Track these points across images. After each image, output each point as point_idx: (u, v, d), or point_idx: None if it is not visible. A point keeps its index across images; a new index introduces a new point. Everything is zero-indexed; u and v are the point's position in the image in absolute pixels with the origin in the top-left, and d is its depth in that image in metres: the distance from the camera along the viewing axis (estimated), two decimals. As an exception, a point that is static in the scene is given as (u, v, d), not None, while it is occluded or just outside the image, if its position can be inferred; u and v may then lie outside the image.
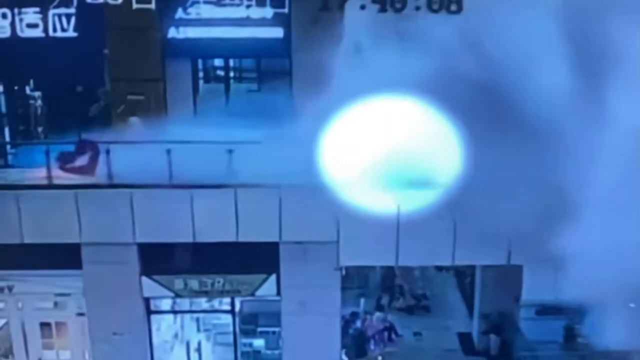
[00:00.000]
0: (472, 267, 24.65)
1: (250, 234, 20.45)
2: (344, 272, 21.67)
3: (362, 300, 25.14)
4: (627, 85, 18.01)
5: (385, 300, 26.03)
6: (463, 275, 26.83)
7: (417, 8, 21.38)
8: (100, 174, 20.58)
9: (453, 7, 21.26)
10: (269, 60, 23.34)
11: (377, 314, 24.85)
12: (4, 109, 23.48)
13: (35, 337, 22.55)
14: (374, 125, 19.43)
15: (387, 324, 24.53)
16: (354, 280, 25.46)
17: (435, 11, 21.40)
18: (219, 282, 21.47)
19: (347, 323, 23.56)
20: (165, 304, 22.88)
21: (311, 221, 20.21)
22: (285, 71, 22.27)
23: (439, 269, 26.93)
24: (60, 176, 20.67)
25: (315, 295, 20.99)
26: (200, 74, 23.94)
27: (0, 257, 20.83)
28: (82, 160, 20.74)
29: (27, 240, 20.54)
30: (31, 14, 21.81)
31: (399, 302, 25.91)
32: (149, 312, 22.15)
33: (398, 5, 21.41)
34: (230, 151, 20.01)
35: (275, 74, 23.09)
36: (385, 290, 26.24)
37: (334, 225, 20.40)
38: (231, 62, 24.44)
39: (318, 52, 19.48)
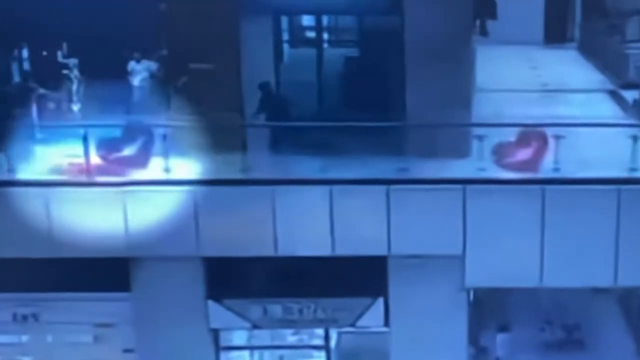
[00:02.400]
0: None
1: (350, 246, 19.45)
2: (471, 297, 20.66)
3: (500, 336, 23.89)
4: None
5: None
6: (629, 300, 25.53)
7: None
8: (153, 166, 19.99)
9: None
10: (374, 18, 22.28)
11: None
12: (29, 81, 22.43)
13: (68, 380, 21.94)
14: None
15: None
16: (484, 307, 24.42)
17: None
18: (309, 308, 20.45)
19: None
20: (239, 338, 21.96)
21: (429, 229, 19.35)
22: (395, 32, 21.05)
23: (597, 292, 25.31)
24: (103, 169, 19.92)
25: (434, 327, 19.84)
26: (285, 36, 23.11)
27: (24, 275, 19.82)
28: (131, 149, 20.08)
29: (59, 254, 19.32)
30: (64, -43, 21.22)
31: (544, 335, 24.82)
32: (218, 348, 21.31)
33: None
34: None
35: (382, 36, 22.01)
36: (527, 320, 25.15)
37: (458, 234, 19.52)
38: (324, 21, 23.45)
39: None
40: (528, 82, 27.86)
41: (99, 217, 19.31)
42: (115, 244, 19.44)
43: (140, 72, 22.89)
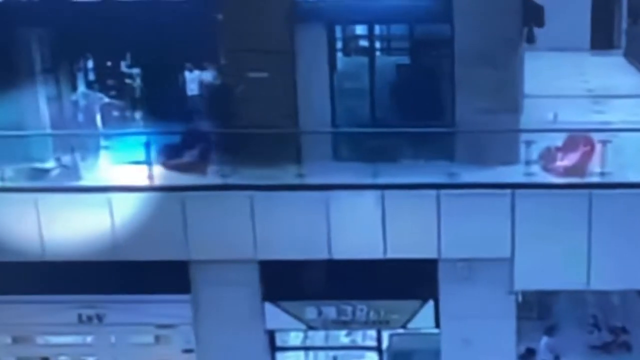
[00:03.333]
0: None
1: (401, 250, 19.46)
2: (520, 299, 20.48)
3: (545, 339, 23.11)
4: None
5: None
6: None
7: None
8: (212, 172, 20.25)
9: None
10: (424, 26, 21.97)
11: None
12: (94, 90, 22.64)
13: (131, 380, 21.91)
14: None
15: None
16: (533, 309, 23.99)
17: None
18: (361, 310, 20.44)
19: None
20: (294, 338, 22.07)
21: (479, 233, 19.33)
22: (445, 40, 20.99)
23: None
24: (164, 175, 20.21)
25: (483, 328, 19.90)
26: (339, 45, 22.63)
27: (89, 278, 20.03)
28: (190, 155, 20.40)
29: (121, 257, 19.64)
30: (126, -29, 21.08)
31: (591, 338, 24.34)
32: (274, 348, 21.38)
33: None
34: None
35: (433, 44, 21.89)
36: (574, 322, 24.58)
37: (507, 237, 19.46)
38: (377, 29, 23.01)
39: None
40: (575, 88, 27.55)
41: (159, 221, 19.41)
42: (175, 248, 19.55)
43: (193, 81, 23.13)
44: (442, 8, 20.33)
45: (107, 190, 19.69)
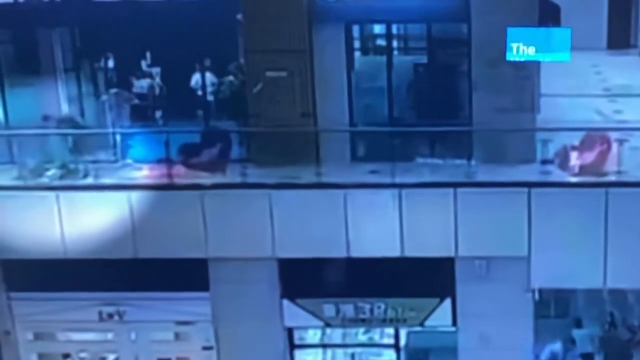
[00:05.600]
0: None
1: (419, 248, 19.51)
2: (537, 297, 20.43)
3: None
4: None
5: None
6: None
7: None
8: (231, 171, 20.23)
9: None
10: (442, 26, 21.85)
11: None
12: (114, 89, 22.42)
13: (151, 376, 21.88)
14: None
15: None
16: (550, 307, 23.65)
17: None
18: (379, 308, 20.46)
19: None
20: (312, 336, 21.99)
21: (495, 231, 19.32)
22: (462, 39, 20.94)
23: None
24: (183, 174, 20.17)
25: (500, 326, 19.86)
26: (356, 44, 22.69)
27: (110, 275, 20.16)
28: (210, 154, 20.27)
29: (141, 255, 19.76)
30: (146, -30, 21.12)
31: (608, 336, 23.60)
32: (292, 345, 21.36)
33: None
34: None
35: (449, 43, 21.90)
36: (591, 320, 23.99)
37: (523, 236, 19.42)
38: (394, 29, 23.01)
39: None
40: (592, 87, 27.43)
41: (179, 219, 19.52)
42: (194, 245, 19.59)
43: (212, 80, 22.73)
44: (460, 7, 20.35)
45: (128, 189, 19.70)
